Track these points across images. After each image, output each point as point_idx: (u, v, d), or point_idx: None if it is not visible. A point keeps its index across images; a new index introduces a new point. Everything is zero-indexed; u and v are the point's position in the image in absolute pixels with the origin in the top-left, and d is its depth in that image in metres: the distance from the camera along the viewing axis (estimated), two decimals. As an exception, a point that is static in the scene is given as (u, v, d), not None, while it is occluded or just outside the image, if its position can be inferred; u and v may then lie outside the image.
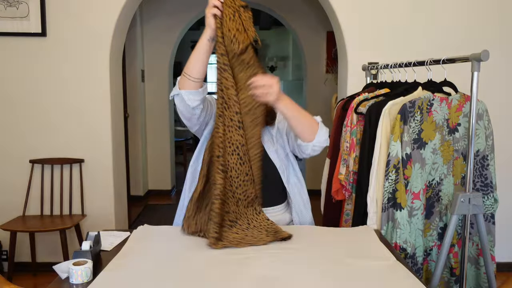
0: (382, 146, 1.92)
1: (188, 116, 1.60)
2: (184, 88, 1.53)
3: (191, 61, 1.53)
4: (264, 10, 5.35)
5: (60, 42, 3.01)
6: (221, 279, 1.21)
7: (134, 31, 4.69)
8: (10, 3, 2.93)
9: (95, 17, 3.00)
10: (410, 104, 1.85)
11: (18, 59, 3.01)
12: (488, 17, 3.04)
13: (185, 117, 1.62)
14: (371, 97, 2.25)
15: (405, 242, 1.83)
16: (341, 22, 3.05)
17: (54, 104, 3.05)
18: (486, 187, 1.97)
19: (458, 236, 1.95)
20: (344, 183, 2.20)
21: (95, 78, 3.05)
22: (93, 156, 3.10)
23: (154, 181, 5.33)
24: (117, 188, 3.23)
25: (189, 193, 1.67)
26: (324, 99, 5.35)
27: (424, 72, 2.10)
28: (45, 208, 3.07)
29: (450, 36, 3.03)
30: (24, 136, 3.07)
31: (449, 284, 1.99)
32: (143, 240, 1.51)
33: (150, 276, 1.23)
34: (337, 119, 2.44)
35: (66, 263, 1.28)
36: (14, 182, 3.08)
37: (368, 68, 2.70)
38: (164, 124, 5.22)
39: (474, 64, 1.70)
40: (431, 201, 1.93)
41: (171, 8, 5.03)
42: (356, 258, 1.35)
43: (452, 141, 1.92)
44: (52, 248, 3.16)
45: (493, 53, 1.87)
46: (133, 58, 4.75)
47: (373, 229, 1.69)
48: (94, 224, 3.12)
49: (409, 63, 2.13)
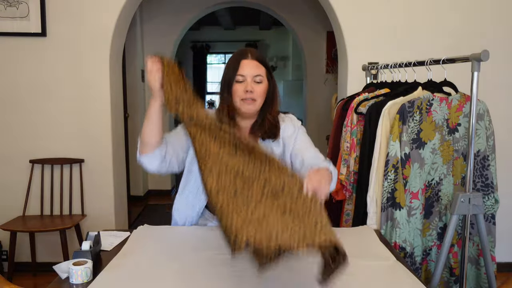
0: (382, 146, 1.92)
1: (160, 171, 1.58)
2: (144, 152, 1.53)
3: (145, 130, 1.52)
4: (264, 10, 5.35)
5: (60, 42, 3.01)
6: (222, 279, 1.21)
7: (134, 31, 4.69)
8: (10, 3, 2.93)
9: (95, 17, 3.00)
10: (409, 104, 1.85)
11: (18, 59, 3.01)
12: (489, 17, 3.04)
13: (159, 173, 1.58)
14: (371, 97, 2.25)
15: (404, 242, 1.83)
16: (341, 22, 3.05)
17: (54, 104, 3.05)
18: (487, 187, 1.97)
19: (458, 236, 1.95)
20: (344, 183, 2.20)
21: (95, 78, 3.05)
22: (93, 156, 3.10)
23: (154, 181, 5.32)
24: (117, 188, 3.23)
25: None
26: (324, 99, 5.35)
27: (424, 72, 2.10)
28: (45, 208, 3.07)
29: (450, 36, 3.03)
30: (24, 136, 3.07)
31: (449, 284, 1.99)
32: (143, 240, 1.51)
33: (150, 276, 1.23)
34: (337, 119, 2.44)
35: (66, 263, 1.28)
36: (14, 182, 3.08)
37: (368, 68, 2.70)
38: (164, 124, 5.20)
39: (474, 64, 1.70)
40: (430, 201, 1.93)
41: (171, 8, 5.03)
42: (356, 258, 1.35)
43: (452, 141, 1.92)
44: (52, 248, 3.16)
45: (494, 53, 1.87)
46: (133, 58, 4.75)
47: (373, 229, 1.69)
48: (94, 224, 3.12)
49: (409, 63, 2.13)
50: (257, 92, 1.54)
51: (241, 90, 1.54)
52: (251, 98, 1.54)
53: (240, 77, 1.54)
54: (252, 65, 1.55)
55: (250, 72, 1.54)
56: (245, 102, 1.55)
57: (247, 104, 1.55)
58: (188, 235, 1.55)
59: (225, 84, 1.57)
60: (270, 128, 1.61)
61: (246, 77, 1.54)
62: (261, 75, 1.56)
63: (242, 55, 1.56)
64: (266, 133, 1.61)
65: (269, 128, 1.61)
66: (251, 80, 1.54)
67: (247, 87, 1.53)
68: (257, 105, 1.57)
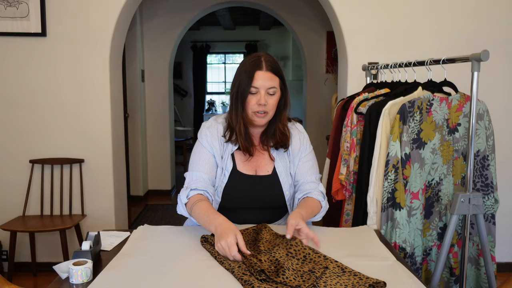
0: (382, 146, 1.92)
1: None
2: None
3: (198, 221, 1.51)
4: (264, 10, 5.35)
5: (60, 42, 3.01)
6: (222, 279, 1.21)
7: (134, 31, 4.69)
8: (10, 3, 2.93)
9: (95, 17, 3.00)
10: (410, 104, 1.85)
11: (18, 59, 3.01)
12: (489, 17, 3.04)
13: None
14: (371, 97, 2.25)
15: (405, 242, 1.83)
16: (341, 22, 3.05)
17: (54, 104, 3.05)
18: (487, 187, 1.97)
19: (458, 236, 1.95)
20: (344, 183, 2.20)
21: (95, 78, 3.05)
22: (93, 156, 3.10)
23: (154, 181, 5.33)
24: (117, 188, 3.23)
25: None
26: (324, 99, 5.35)
27: (424, 72, 2.10)
28: (45, 208, 3.07)
29: (451, 35, 3.03)
30: (24, 136, 3.07)
31: (449, 284, 1.99)
32: (143, 240, 1.51)
33: (150, 276, 1.23)
34: (337, 119, 2.44)
35: (66, 263, 1.28)
36: (14, 182, 3.08)
37: (368, 68, 2.70)
38: (164, 124, 5.22)
39: (474, 64, 1.70)
40: (430, 201, 1.93)
41: (171, 8, 5.03)
42: (356, 258, 1.36)
43: (452, 141, 1.92)
44: (52, 248, 3.16)
45: (494, 53, 1.88)
46: (133, 58, 4.75)
47: (373, 229, 1.69)
48: (94, 224, 3.12)
49: (409, 63, 2.13)
50: (270, 104, 1.55)
51: (254, 103, 1.55)
52: (263, 110, 1.55)
53: (254, 89, 1.54)
54: (266, 77, 1.54)
55: (264, 85, 1.53)
56: (257, 115, 1.57)
57: (259, 117, 1.57)
58: (188, 235, 1.55)
59: (239, 94, 1.57)
60: (281, 137, 1.65)
61: (260, 89, 1.54)
62: (275, 86, 1.56)
63: (257, 66, 1.54)
64: (278, 143, 1.65)
65: (280, 138, 1.64)
66: (264, 92, 1.54)
67: (261, 101, 1.53)
68: (268, 117, 1.59)
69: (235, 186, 1.63)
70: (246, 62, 1.57)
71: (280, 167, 1.66)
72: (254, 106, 1.55)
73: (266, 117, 1.58)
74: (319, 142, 4.99)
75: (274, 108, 1.59)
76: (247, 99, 1.55)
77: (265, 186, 1.64)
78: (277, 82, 1.57)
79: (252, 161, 1.65)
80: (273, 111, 1.59)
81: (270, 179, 1.64)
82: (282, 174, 1.65)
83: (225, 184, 1.62)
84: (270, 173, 1.65)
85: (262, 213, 1.66)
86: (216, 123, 1.67)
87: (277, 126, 1.64)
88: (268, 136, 1.66)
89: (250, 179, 1.63)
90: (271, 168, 1.66)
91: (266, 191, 1.64)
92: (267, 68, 1.54)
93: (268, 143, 1.67)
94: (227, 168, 1.63)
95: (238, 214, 1.64)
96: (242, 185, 1.63)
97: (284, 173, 1.66)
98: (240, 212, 1.65)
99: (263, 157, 1.67)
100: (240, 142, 1.61)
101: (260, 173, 1.65)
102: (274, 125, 1.64)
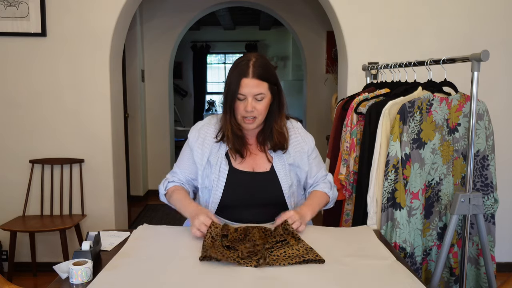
0: (382, 146, 1.92)
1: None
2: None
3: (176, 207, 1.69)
4: (264, 10, 5.35)
5: (60, 42, 3.01)
6: (221, 279, 1.21)
7: (134, 31, 4.69)
8: (10, 3, 2.93)
9: (95, 17, 3.00)
10: (410, 104, 1.85)
11: (18, 59, 3.01)
12: (489, 17, 3.04)
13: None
14: (371, 97, 2.25)
15: (405, 242, 1.83)
16: (341, 22, 3.05)
17: (54, 104, 3.05)
18: (486, 187, 1.97)
19: (458, 236, 1.96)
20: (344, 183, 2.20)
21: (95, 78, 3.05)
22: (93, 156, 3.10)
23: (154, 181, 5.32)
24: (117, 188, 3.23)
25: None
26: (324, 99, 5.35)
27: (424, 72, 2.10)
28: (45, 208, 3.08)
29: (451, 36, 3.03)
30: (24, 136, 3.07)
31: (449, 284, 1.99)
32: (143, 240, 1.51)
33: (150, 276, 1.23)
34: (337, 119, 2.44)
35: (66, 263, 1.28)
36: (14, 182, 3.08)
37: (368, 68, 2.70)
38: (164, 124, 5.22)
39: (474, 64, 1.70)
40: (430, 201, 1.93)
41: (171, 8, 5.03)
42: (356, 257, 1.36)
43: (452, 141, 1.92)
44: (52, 248, 3.16)
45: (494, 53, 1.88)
46: (133, 58, 4.75)
47: (373, 229, 1.69)
48: (94, 224, 3.12)
49: (409, 63, 2.13)
50: (258, 110, 1.57)
51: (242, 109, 1.56)
52: (251, 116, 1.57)
53: (241, 96, 1.55)
54: (252, 85, 1.54)
55: (251, 92, 1.54)
56: (245, 121, 1.59)
57: (247, 123, 1.59)
58: (188, 235, 1.55)
59: (227, 100, 1.59)
60: (279, 137, 1.65)
61: (247, 96, 1.55)
62: (262, 92, 1.56)
63: (243, 73, 1.54)
64: (277, 145, 1.65)
65: (278, 138, 1.65)
66: (251, 99, 1.55)
67: (247, 107, 1.55)
68: (258, 121, 1.60)
69: (233, 183, 1.64)
70: (235, 67, 1.58)
71: (278, 166, 1.66)
72: (242, 111, 1.57)
73: (255, 122, 1.60)
74: (319, 142, 4.95)
75: (264, 113, 1.60)
76: (235, 105, 1.58)
77: (263, 182, 1.65)
78: (265, 87, 1.56)
79: (248, 160, 1.67)
80: (262, 115, 1.60)
81: (268, 175, 1.65)
82: (280, 172, 1.66)
83: (224, 184, 1.63)
84: (268, 170, 1.66)
85: (262, 211, 1.66)
86: (209, 123, 1.71)
87: (274, 126, 1.64)
88: (266, 136, 1.66)
89: (248, 175, 1.65)
90: (268, 166, 1.66)
91: (264, 187, 1.65)
92: (253, 75, 1.53)
93: (265, 144, 1.67)
94: (223, 167, 1.64)
95: (239, 212, 1.64)
96: (240, 181, 1.64)
97: (283, 172, 1.66)
98: (240, 210, 1.65)
99: (260, 156, 1.68)
100: (229, 146, 1.65)
101: (258, 170, 1.66)
102: (270, 126, 1.65)
